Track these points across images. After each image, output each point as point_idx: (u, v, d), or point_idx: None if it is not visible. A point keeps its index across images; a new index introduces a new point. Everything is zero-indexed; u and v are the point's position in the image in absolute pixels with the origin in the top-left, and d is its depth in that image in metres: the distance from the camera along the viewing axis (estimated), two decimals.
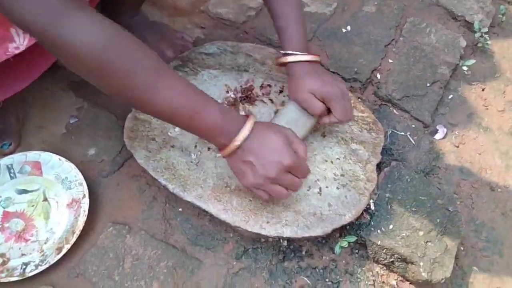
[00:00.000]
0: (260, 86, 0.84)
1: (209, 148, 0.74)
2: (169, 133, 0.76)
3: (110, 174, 0.79)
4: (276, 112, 0.79)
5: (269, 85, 0.84)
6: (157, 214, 0.75)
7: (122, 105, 0.84)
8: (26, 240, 0.71)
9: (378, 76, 0.98)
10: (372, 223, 0.71)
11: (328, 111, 0.70)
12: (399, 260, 0.69)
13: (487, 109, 1.00)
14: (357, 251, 0.73)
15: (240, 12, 1.06)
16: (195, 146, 0.74)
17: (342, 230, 0.73)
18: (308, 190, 0.71)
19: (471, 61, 1.04)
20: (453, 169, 0.88)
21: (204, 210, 0.69)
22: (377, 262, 0.72)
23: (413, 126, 0.91)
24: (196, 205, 0.69)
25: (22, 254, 0.69)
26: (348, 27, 1.06)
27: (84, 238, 0.71)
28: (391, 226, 0.70)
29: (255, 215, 0.68)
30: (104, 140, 0.83)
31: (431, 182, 0.76)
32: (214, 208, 0.68)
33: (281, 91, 0.84)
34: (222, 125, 0.57)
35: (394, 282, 0.71)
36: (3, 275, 0.66)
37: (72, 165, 0.76)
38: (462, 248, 0.77)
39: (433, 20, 1.10)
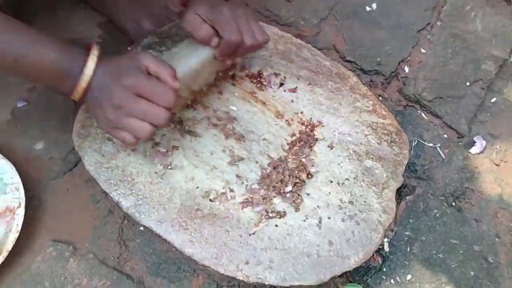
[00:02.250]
0: (251, 75, 0.65)
1: (176, 147, 0.57)
2: None
3: (59, 176, 0.63)
4: None
5: (260, 74, 0.65)
6: (111, 232, 0.59)
7: None
8: None
9: (406, 69, 0.80)
10: (385, 269, 0.54)
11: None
12: None
13: None
14: None
15: None
16: (157, 145, 0.57)
17: (345, 272, 0.56)
18: (304, 221, 0.54)
19: None
20: (490, 193, 0.70)
21: (165, 240, 0.52)
22: None
23: (445, 135, 0.74)
24: (155, 232, 0.52)
25: None
26: (374, 5, 0.87)
27: (15, 259, 0.56)
28: (409, 277, 0.53)
29: (231, 252, 0.51)
30: (56, 132, 0.66)
31: (466, 220, 0.58)
32: (178, 239, 0.51)
33: (281, 85, 0.65)
34: (61, 67, 0.49)
35: None
36: None
37: (9, 164, 0.60)
38: None
39: (480, 2, 0.91)
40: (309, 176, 0.57)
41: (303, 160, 0.58)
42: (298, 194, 0.55)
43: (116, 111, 0.48)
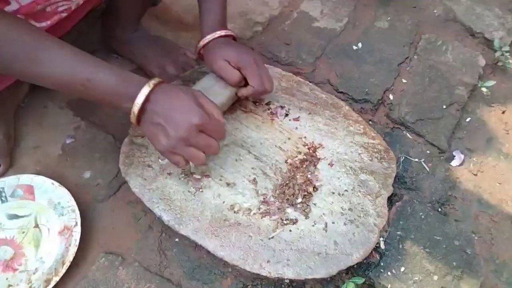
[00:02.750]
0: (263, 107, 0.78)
1: (207, 176, 0.69)
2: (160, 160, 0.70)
3: (105, 199, 0.75)
4: None
5: (269, 105, 0.79)
6: (152, 244, 0.70)
7: (120, 126, 0.80)
8: (14, 270, 0.66)
9: (391, 97, 0.92)
10: (382, 263, 0.64)
11: (246, 84, 0.70)
12: None
13: (508, 133, 0.92)
14: None
15: (246, 28, 1.02)
16: (192, 174, 0.69)
17: (349, 270, 0.67)
18: (313, 226, 0.65)
19: (491, 82, 0.97)
20: (470, 199, 0.81)
21: (200, 246, 0.63)
22: None
23: (428, 151, 0.85)
24: (192, 240, 0.64)
25: (9, 286, 0.65)
26: (360, 44, 1.01)
27: (74, 269, 0.66)
28: (402, 269, 0.63)
29: (254, 253, 0.62)
30: (100, 162, 0.78)
31: (447, 220, 0.69)
32: (211, 244, 0.63)
33: (286, 115, 0.78)
34: (120, 89, 0.54)
35: None
36: None
37: (65, 190, 0.72)
38: None
39: (450, 37, 1.04)
40: (315, 189, 0.69)
41: (309, 176, 0.70)
42: (307, 204, 0.67)
43: (180, 141, 0.56)
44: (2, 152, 0.75)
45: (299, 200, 0.67)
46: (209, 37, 0.70)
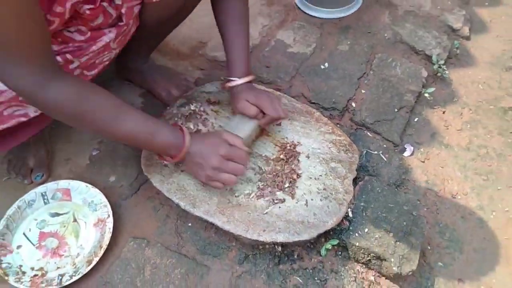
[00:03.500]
0: None
1: None
2: None
3: (128, 197, 0.92)
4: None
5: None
6: (170, 229, 0.88)
7: None
8: (60, 256, 0.83)
9: (353, 104, 1.11)
10: (351, 228, 0.84)
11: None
12: (374, 258, 0.82)
13: (447, 129, 1.14)
14: (340, 253, 0.86)
15: None
16: None
17: (326, 236, 0.86)
18: (297, 203, 0.85)
19: (432, 89, 1.20)
20: (420, 181, 1.02)
21: (211, 223, 0.82)
22: (357, 261, 0.85)
23: (385, 146, 1.05)
24: (204, 219, 0.82)
25: (58, 267, 0.81)
26: (326, 64, 1.21)
27: (109, 252, 0.83)
28: (366, 230, 0.83)
29: (253, 225, 0.81)
30: (122, 168, 0.96)
31: (398, 192, 0.90)
32: (219, 221, 0.81)
33: (278, 124, 0.98)
34: (171, 141, 0.74)
35: (372, 278, 0.84)
36: (43, 285, 0.78)
37: (97, 190, 0.89)
38: (429, 247, 0.91)
39: (398, 55, 1.25)
40: (298, 176, 0.89)
41: (293, 167, 0.91)
42: (292, 188, 0.87)
43: (213, 170, 0.75)
44: (44, 164, 0.93)
45: (287, 185, 0.87)
46: (238, 82, 0.86)
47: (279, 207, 0.84)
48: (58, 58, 0.70)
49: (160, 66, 1.11)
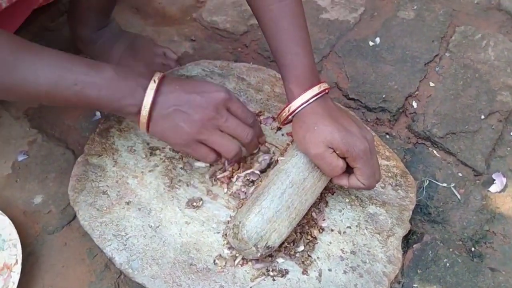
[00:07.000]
0: None
1: (175, 202, 0.61)
2: (127, 182, 0.63)
3: (57, 230, 0.69)
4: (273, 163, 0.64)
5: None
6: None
7: (82, 140, 0.75)
8: None
9: (415, 104, 0.86)
10: None
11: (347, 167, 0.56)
12: None
13: None
14: None
15: (240, 21, 0.98)
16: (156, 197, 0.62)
17: None
18: (303, 274, 0.56)
19: None
20: None
21: None
22: None
23: (460, 174, 0.78)
24: None
25: None
26: (377, 40, 0.96)
27: None
28: None
29: None
30: (54, 184, 0.73)
31: (481, 269, 0.59)
32: None
33: (279, 128, 0.70)
34: (119, 92, 0.52)
35: None
36: None
37: (7, 220, 0.65)
38: None
39: (492, 30, 0.98)
40: (320, 231, 0.60)
41: (314, 214, 0.61)
42: (309, 255, 0.58)
43: (207, 122, 0.53)
44: None
45: (301, 248, 0.58)
46: (298, 102, 0.56)
47: (273, 279, 0.56)
48: None
49: (126, 33, 0.86)
